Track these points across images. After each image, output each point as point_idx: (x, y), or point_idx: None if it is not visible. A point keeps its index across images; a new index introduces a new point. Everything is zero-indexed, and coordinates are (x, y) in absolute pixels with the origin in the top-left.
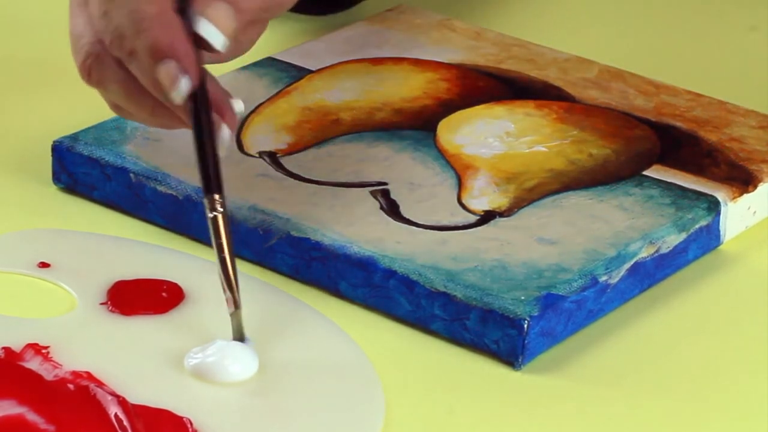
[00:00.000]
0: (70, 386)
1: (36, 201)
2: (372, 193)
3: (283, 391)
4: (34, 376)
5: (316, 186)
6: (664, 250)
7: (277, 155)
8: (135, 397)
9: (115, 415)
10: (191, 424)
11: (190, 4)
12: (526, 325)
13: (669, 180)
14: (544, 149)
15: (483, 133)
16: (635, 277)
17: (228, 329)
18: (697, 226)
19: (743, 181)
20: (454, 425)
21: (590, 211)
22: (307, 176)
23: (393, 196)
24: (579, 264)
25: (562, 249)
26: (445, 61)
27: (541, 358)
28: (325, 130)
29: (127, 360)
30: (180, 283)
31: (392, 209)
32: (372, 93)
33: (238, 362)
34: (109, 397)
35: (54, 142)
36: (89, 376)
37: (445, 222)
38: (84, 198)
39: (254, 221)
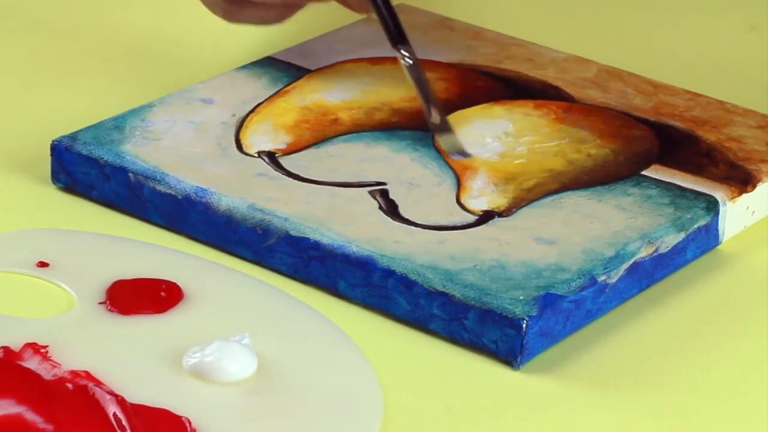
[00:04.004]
0: (69, 385)
1: (35, 200)
2: (371, 192)
3: (282, 391)
4: (33, 376)
5: (315, 186)
6: (663, 249)
7: (276, 155)
8: (134, 397)
9: (114, 415)
10: (190, 423)
11: None
12: (524, 325)
13: (668, 180)
14: (542, 149)
15: (482, 133)
16: (634, 277)
17: (226, 329)
18: (695, 226)
19: (742, 180)
20: (452, 425)
21: (589, 211)
22: (305, 176)
23: (392, 195)
24: (577, 264)
25: (560, 249)
26: (444, 61)
27: (539, 358)
28: (324, 129)
29: (126, 359)
30: (179, 283)
31: (391, 209)
32: (371, 93)
33: (236, 362)
34: (108, 397)
35: (53, 141)
36: (88, 376)
37: (443, 222)
38: (83, 197)
39: (253, 221)
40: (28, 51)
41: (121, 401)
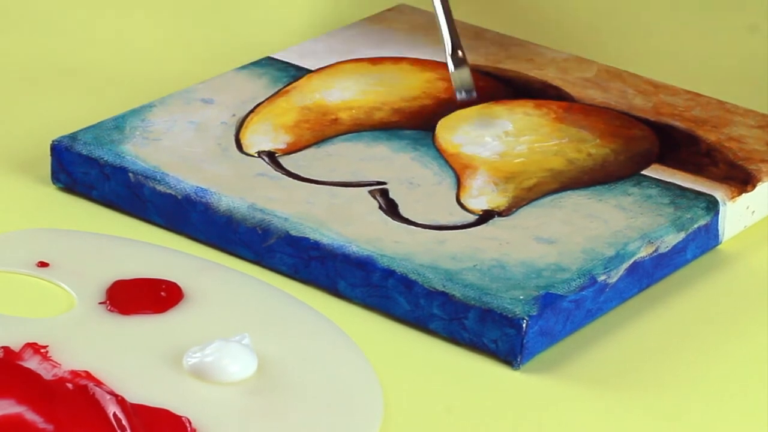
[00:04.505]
0: (69, 385)
1: (35, 200)
2: (371, 192)
3: (282, 391)
4: (33, 376)
5: (315, 185)
6: (663, 249)
7: (276, 155)
8: (134, 397)
9: (114, 414)
10: (190, 423)
11: None
12: (524, 325)
13: (668, 179)
14: (542, 149)
15: (482, 133)
16: (634, 277)
17: (226, 329)
18: (695, 226)
19: (742, 180)
20: (452, 425)
21: (589, 210)
22: (305, 176)
23: (392, 195)
24: (578, 263)
25: (560, 248)
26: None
27: (539, 358)
28: (324, 129)
29: (126, 359)
30: (179, 283)
31: (391, 209)
32: (371, 93)
33: (236, 362)
34: (108, 396)
35: (53, 141)
36: (88, 375)
37: (443, 221)
38: (83, 197)
39: (253, 221)
40: (28, 51)
41: (121, 401)
